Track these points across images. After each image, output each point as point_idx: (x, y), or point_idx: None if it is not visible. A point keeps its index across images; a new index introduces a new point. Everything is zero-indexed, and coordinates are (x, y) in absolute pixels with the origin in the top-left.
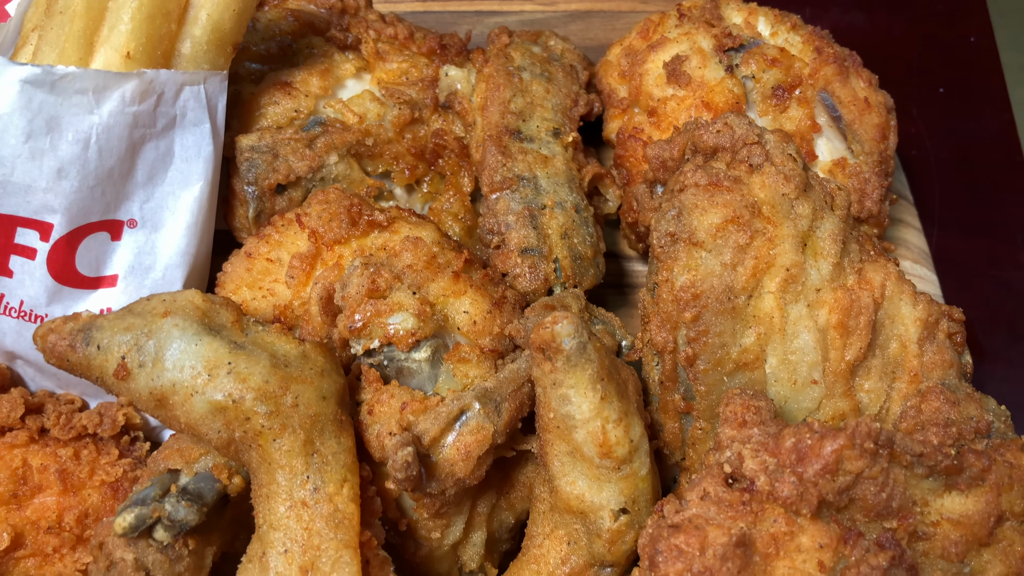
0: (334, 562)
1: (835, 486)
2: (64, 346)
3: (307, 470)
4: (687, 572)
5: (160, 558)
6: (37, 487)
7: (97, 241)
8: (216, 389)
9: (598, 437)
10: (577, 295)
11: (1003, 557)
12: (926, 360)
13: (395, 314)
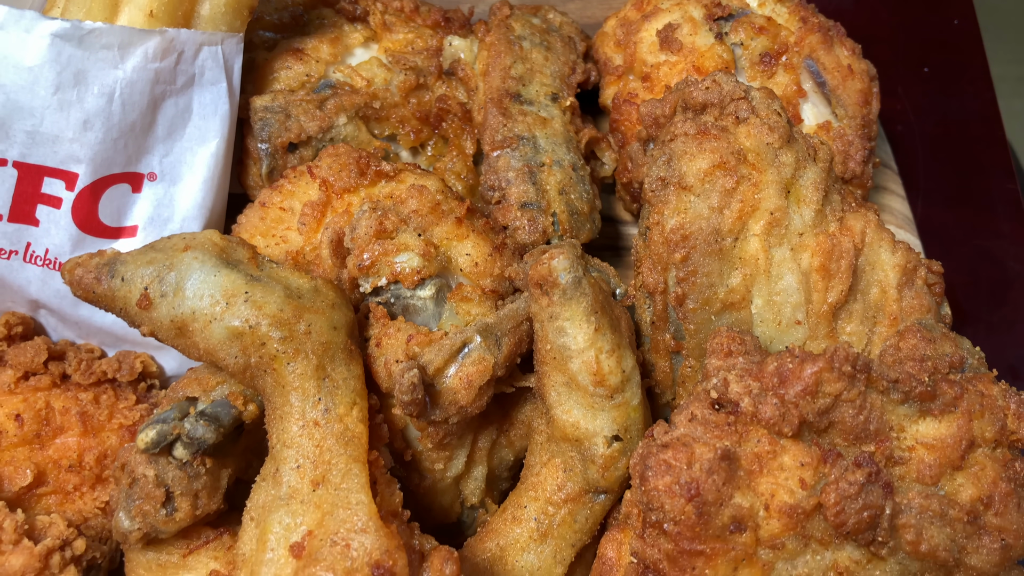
0: (344, 474)
1: (815, 407)
2: (90, 279)
3: (319, 392)
4: (675, 484)
5: (179, 475)
6: (59, 428)
7: (119, 192)
8: (233, 316)
9: (592, 366)
10: (573, 244)
11: (975, 480)
12: (905, 305)
13: (401, 253)
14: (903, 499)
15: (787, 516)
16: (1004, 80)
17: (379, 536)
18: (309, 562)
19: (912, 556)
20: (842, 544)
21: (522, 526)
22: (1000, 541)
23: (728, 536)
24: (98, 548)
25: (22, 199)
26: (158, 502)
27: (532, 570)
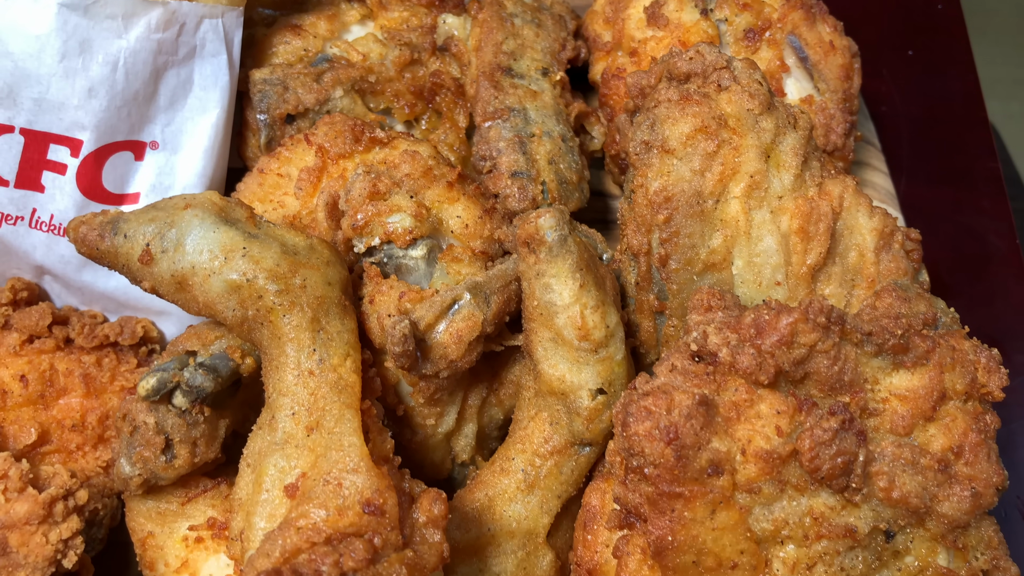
0: (337, 419)
1: (791, 357)
2: (94, 236)
3: (313, 343)
4: (655, 429)
5: (178, 422)
6: (62, 389)
7: (122, 160)
8: (232, 270)
9: (577, 321)
10: (562, 209)
11: (946, 431)
12: (882, 268)
13: (394, 214)
14: (876, 448)
15: (763, 461)
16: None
17: (370, 476)
18: (303, 500)
19: (885, 503)
20: (817, 490)
21: (510, 477)
22: (970, 489)
23: (706, 479)
24: (100, 500)
25: (28, 165)
26: (158, 449)
27: (519, 519)
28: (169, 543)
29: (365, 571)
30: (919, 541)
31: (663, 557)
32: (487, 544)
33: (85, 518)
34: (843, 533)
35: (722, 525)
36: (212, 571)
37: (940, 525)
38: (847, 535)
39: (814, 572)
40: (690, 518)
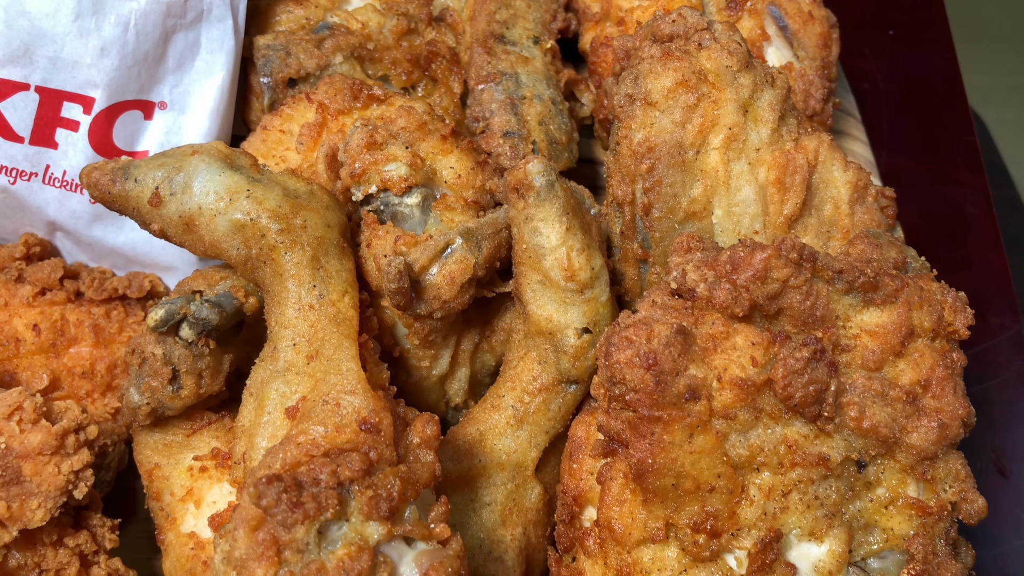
0: (336, 348)
1: (765, 291)
2: (106, 181)
3: (313, 280)
4: (635, 357)
5: (185, 353)
6: (73, 339)
7: (132, 118)
8: (236, 210)
9: (563, 263)
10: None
11: (914, 366)
12: (857, 220)
13: (390, 163)
14: (848, 380)
15: (739, 388)
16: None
17: (367, 397)
18: (302, 420)
19: (856, 432)
20: (791, 419)
21: (500, 413)
22: (937, 421)
23: (684, 404)
24: (109, 438)
25: (43, 122)
26: (165, 379)
27: (509, 452)
28: (175, 473)
29: (361, 481)
30: (889, 472)
31: (643, 480)
32: (478, 475)
33: (95, 453)
34: (816, 461)
35: (699, 449)
36: (216, 498)
37: (909, 456)
38: (820, 463)
39: (789, 499)
40: (669, 441)
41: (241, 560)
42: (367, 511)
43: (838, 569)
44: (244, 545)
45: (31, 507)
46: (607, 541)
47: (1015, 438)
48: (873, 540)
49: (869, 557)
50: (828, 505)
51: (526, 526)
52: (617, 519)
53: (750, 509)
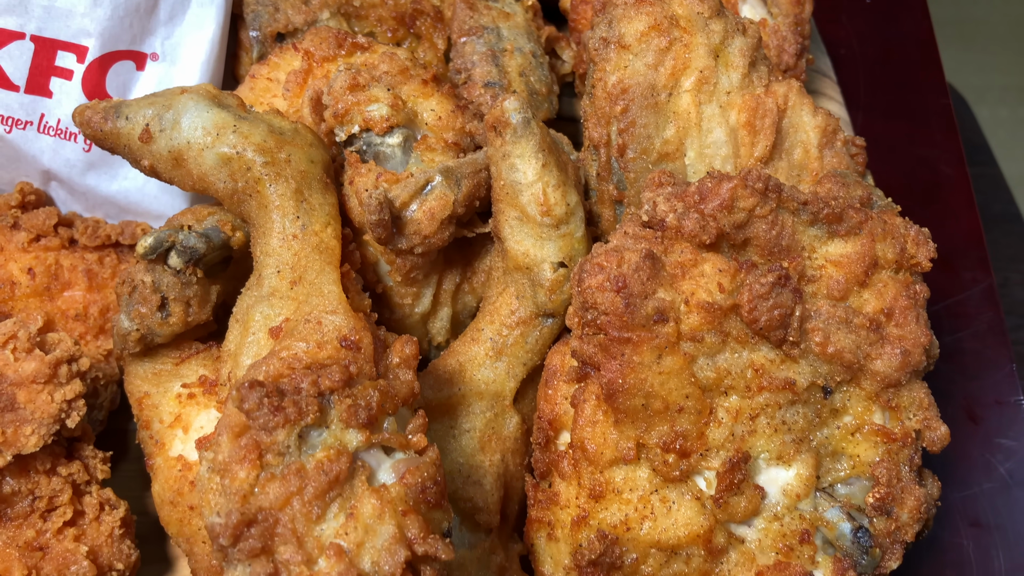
0: (318, 273)
1: (732, 220)
2: (98, 119)
3: (297, 211)
4: (606, 281)
5: (173, 281)
6: (67, 283)
7: (124, 68)
8: (223, 144)
9: (539, 198)
10: (527, 103)
11: (878, 296)
12: (826, 163)
13: (372, 104)
14: (812, 307)
15: (706, 312)
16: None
17: (348, 317)
18: (285, 337)
19: (821, 358)
20: (758, 344)
21: (480, 345)
22: (900, 348)
23: (652, 326)
24: (101, 374)
25: (38, 71)
26: (154, 306)
27: (488, 382)
28: (163, 401)
29: (341, 392)
30: (855, 400)
31: (614, 400)
32: (458, 404)
33: (87, 385)
34: (783, 386)
35: (668, 370)
36: (203, 423)
37: (874, 383)
38: (787, 388)
39: (757, 423)
40: (638, 362)
41: (224, 463)
42: (346, 418)
43: (806, 493)
44: (227, 449)
45: (25, 433)
46: (580, 462)
47: (985, 386)
48: (840, 467)
49: (836, 483)
50: (795, 431)
51: (504, 453)
52: (590, 439)
53: (718, 431)
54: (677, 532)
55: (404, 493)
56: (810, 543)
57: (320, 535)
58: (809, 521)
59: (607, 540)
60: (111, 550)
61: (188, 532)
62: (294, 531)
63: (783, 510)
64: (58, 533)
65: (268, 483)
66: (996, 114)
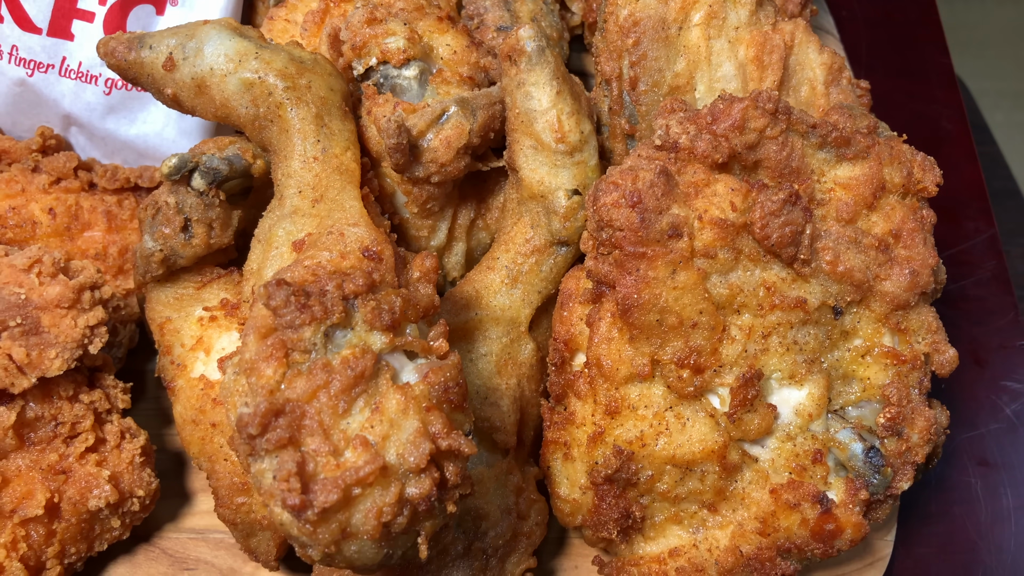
0: (339, 191)
1: (743, 140)
2: (122, 49)
3: (317, 135)
4: (621, 197)
5: (196, 202)
6: (86, 224)
7: (144, 12)
8: (246, 69)
9: (554, 124)
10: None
11: (886, 218)
12: (832, 99)
13: (389, 37)
14: (823, 228)
15: (719, 228)
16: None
17: (370, 229)
18: (308, 248)
19: (831, 277)
20: (770, 263)
21: (495, 273)
22: (909, 268)
23: (667, 241)
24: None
25: (60, 14)
26: (177, 227)
27: (503, 308)
28: (185, 325)
29: (364, 296)
30: (865, 322)
31: (629, 315)
32: (475, 328)
33: (109, 314)
34: (794, 304)
35: (682, 285)
36: (225, 345)
37: (883, 305)
38: (798, 307)
39: (769, 342)
40: (653, 277)
41: (251, 362)
42: (370, 319)
43: (818, 413)
44: (254, 348)
45: (49, 356)
46: (596, 379)
47: (990, 331)
48: (851, 390)
49: (847, 406)
50: (807, 351)
51: (520, 378)
52: (605, 356)
53: (731, 347)
54: (692, 448)
55: (427, 391)
56: (822, 463)
57: (346, 428)
58: (821, 441)
59: (623, 455)
60: (132, 477)
61: (210, 450)
62: (321, 423)
63: (796, 430)
64: (80, 458)
65: (295, 378)
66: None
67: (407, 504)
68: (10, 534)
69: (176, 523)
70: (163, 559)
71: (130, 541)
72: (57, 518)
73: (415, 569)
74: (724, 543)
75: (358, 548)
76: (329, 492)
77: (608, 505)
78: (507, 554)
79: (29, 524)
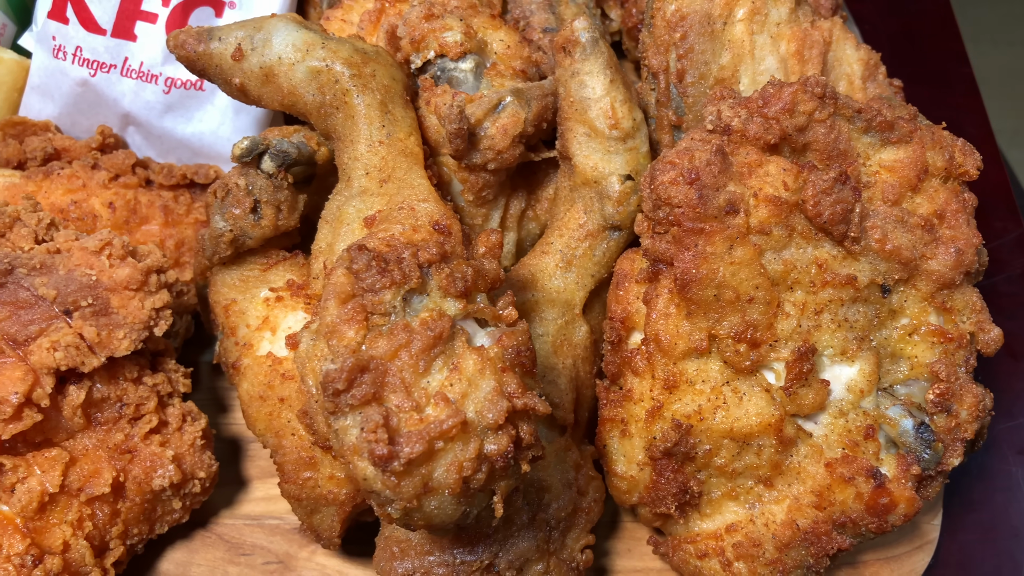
0: (406, 171)
1: (793, 123)
2: (192, 42)
3: (382, 120)
4: (679, 176)
5: (265, 184)
6: (144, 218)
7: (204, 14)
8: (313, 58)
9: (608, 111)
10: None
11: (930, 200)
12: (869, 94)
13: (447, 31)
14: (870, 208)
15: (773, 205)
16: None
17: (439, 205)
18: (380, 222)
19: (879, 255)
20: (821, 240)
21: (550, 257)
22: (954, 247)
23: (724, 217)
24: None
25: (124, 15)
26: (247, 208)
27: (559, 291)
28: (251, 306)
29: (438, 264)
30: (912, 301)
31: (687, 290)
32: (531, 310)
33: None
34: (845, 281)
35: (739, 260)
36: (291, 324)
37: (929, 284)
38: (849, 284)
39: (821, 318)
40: (711, 252)
41: (332, 325)
42: (445, 286)
43: (869, 389)
44: (335, 312)
45: (117, 336)
46: (654, 355)
47: (1022, 326)
48: (899, 368)
49: (895, 384)
50: (857, 328)
51: (575, 359)
52: (663, 331)
53: (786, 323)
54: (749, 421)
55: (501, 354)
56: (874, 439)
57: (427, 386)
58: (872, 418)
59: (682, 429)
60: (193, 459)
61: (277, 425)
62: (403, 381)
63: (848, 406)
64: (145, 438)
65: (376, 339)
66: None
67: (485, 460)
68: (76, 512)
69: (232, 509)
70: (219, 544)
71: (187, 526)
72: (122, 498)
73: (483, 537)
74: (781, 517)
75: (438, 503)
76: (415, 443)
77: (667, 480)
78: (568, 528)
79: (95, 503)
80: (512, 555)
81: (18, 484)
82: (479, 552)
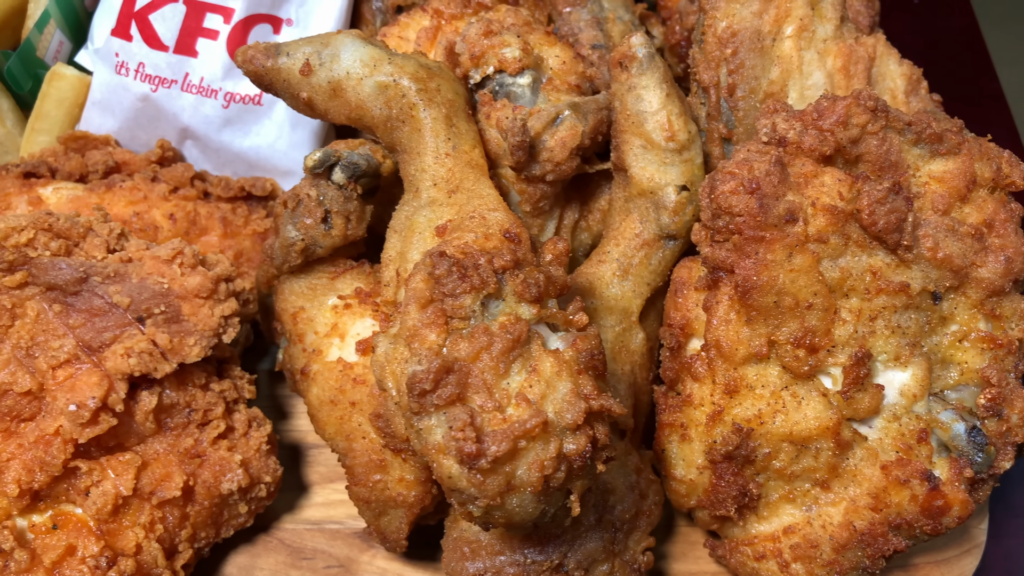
0: (474, 182)
1: (847, 135)
2: (261, 57)
3: (448, 133)
4: (739, 185)
5: (336, 195)
6: (203, 229)
7: (263, 31)
8: (380, 73)
9: (664, 124)
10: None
11: (978, 210)
12: (912, 108)
13: (505, 47)
14: (921, 217)
15: (830, 214)
16: None
17: (508, 214)
18: (452, 231)
19: (931, 263)
20: (875, 249)
21: (607, 265)
22: (1004, 255)
23: (783, 225)
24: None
25: (186, 32)
26: (318, 218)
27: (616, 299)
28: (319, 314)
29: (512, 270)
30: (962, 308)
31: (748, 297)
32: (591, 317)
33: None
34: (898, 289)
35: (798, 267)
36: (360, 331)
37: (979, 291)
38: (902, 291)
39: (876, 325)
40: (771, 260)
41: (413, 328)
42: (520, 292)
43: (922, 394)
44: (416, 317)
45: (188, 343)
46: (715, 360)
47: None
48: (949, 374)
49: (946, 390)
50: (909, 334)
51: (633, 365)
52: (724, 337)
53: (843, 328)
54: (808, 425)
55: (576, 357)
56: (927, 443)
57: (507, 387)
58: (925, 422)
59: (742, 432)
60: (259, 464)
61: (348, 429)
62: (485, 382)
63: (901, 410)
64: (213, 443)
65: (458, 341)
66: None
67: (564, 459)
68: (148, 515)
69: (293, 514)
70: (281, 549)
71: (250, 531)
72: (191, 501)
73: (552, 538)
74: (838, 519)
75: (519, 502)
76: (500, 442)
77: (726, 483)
78: (631, 530)
79: (166, 506)
80: (580, 555)
81: (92, 487)
82: (549, 552)
